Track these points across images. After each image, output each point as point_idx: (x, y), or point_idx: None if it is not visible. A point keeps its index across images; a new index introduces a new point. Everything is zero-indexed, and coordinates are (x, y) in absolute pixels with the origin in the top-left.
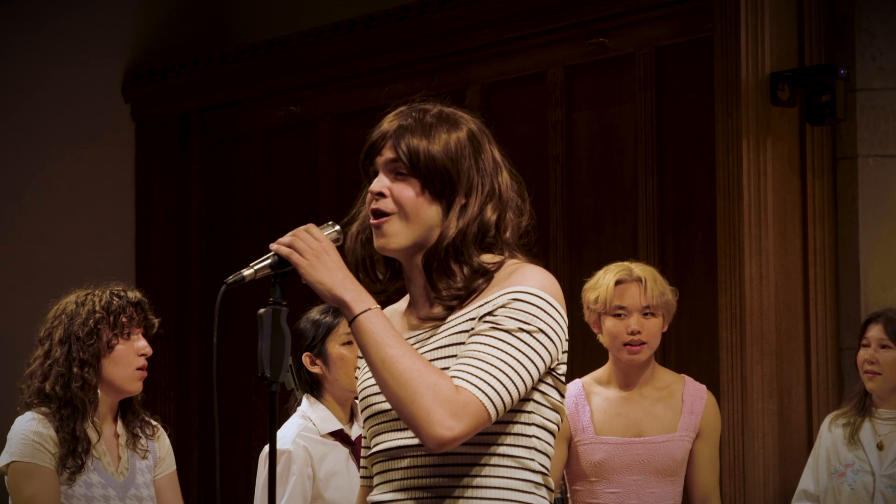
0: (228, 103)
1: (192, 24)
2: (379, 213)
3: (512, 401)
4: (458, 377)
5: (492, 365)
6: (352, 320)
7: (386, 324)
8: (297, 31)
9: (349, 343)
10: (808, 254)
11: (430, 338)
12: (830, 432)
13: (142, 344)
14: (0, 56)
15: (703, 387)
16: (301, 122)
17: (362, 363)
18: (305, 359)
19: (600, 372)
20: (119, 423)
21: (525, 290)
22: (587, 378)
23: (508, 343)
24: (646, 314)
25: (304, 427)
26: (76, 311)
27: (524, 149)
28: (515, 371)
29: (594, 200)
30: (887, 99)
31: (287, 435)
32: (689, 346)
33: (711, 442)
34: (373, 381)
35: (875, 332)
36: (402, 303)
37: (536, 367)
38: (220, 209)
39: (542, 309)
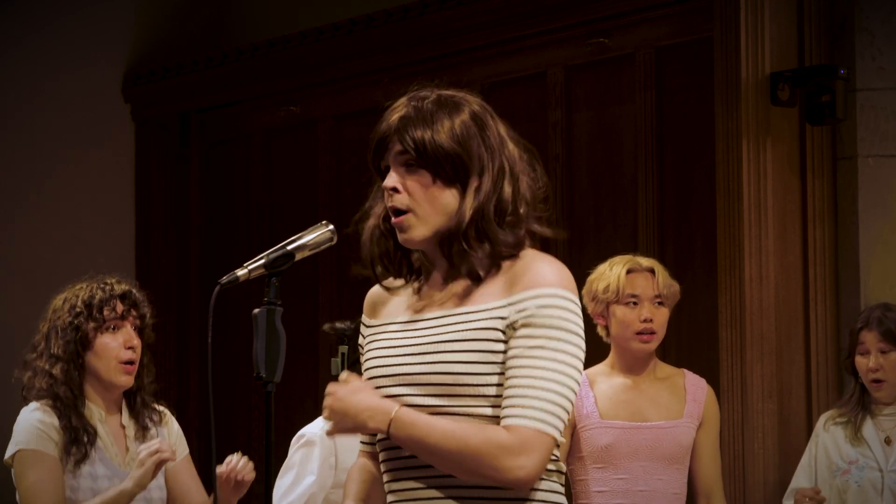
0: (228, 103)
1: (192, 24)
2: (397, 211)
3: (568, 412)
4: (509, 417)
5: (539, 389)
6: (386, 435)
7: (411, 418)
8: (297, 31)
9: None
10: (808, 254)
11: (455, 322)
12: (827, 431)
13: (126, 337)
14: (0, 56)
15: (702, 379)
16: (301, 122)
17: (367, 332)
18: None
19: (602, 364)
20: (125, 414)
21: (552, 294)
22: (589, 370)
23: (549, 358)
24: (656, 304)
25: None
26: (61, 308)
27: None
28: (563, 383)
29: (594, 200)
30: (887, 99)
31: (319, 422)
32: (689, 346)
33: (713, 432)
34: (376, 355)
35: (872, 338)
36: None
37: (578, 369)
38: (220, 209)
39: (571, 311)
